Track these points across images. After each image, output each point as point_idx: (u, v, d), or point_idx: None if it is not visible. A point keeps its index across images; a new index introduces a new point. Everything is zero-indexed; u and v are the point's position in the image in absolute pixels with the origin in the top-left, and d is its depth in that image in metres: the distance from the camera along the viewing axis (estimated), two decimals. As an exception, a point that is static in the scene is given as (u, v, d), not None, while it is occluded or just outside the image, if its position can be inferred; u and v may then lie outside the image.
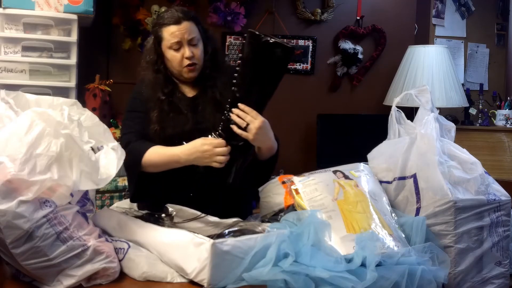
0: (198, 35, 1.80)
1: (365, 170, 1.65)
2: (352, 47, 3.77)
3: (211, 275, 1.23)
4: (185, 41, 1.76)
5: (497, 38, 4.48)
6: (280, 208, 1.56)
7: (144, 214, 1.61)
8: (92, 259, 1.28)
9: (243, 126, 1.60)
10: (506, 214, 1.55)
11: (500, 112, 3.90)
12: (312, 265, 1.28)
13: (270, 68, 1.59)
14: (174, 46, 1.77)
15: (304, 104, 3.70)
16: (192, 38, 1.77)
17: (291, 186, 1.55)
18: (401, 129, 1.72)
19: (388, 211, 1.56)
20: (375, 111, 3.83)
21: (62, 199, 1.28)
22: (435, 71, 3.55)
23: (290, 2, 3.68)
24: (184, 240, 1.30)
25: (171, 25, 1.76)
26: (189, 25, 1.77)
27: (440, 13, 4.24)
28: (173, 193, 1.73)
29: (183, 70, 1.79)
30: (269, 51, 1.55)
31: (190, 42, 1.77)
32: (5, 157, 1.21)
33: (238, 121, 1.60)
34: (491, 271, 1.52)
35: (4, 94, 1.40)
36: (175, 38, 1.76)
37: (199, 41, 1.80)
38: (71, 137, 1.29)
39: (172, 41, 1.76)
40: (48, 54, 2.77)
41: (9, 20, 2.71)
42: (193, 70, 1.80)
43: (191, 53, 1.76)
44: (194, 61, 1.78)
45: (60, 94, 2.68)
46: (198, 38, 1.80)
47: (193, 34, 1.78)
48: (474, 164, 1.58)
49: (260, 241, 1.30)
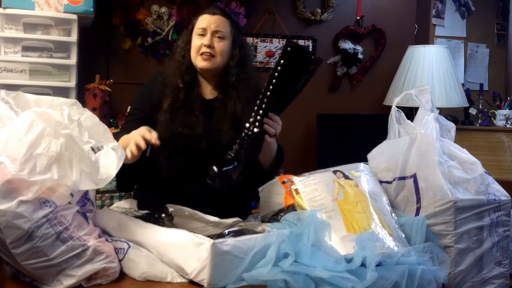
0: (227, 33, 1.80)
1: (365, 170, 1.65)
2: (352, 47, 3.77)
3: (211, 275, 1.23)
4: (210, 30, 1.77)
5: (497, 38, 4.49)
6: (280, 208, 1.56)
7: (144, 214, 1.61)
8: (92, 259, 1.28)
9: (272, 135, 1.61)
10: (506, 214, 1.55)
11: (500, 112, 3.90)
12: (312, 265, 1.28)
13: (303, 82, 1.59)
14: (199, 31, 1.78)
15: (304, 104, 3.70)
16: (218, 30, 1.77)
17: (291, 186, 1.55)
18: (401, 129, 1.71)
19: (388, 211, 1.56)
20: (375, 111, 3.83)
21: (62, 199, 1.28)
22: (435, 71, 3.55)
23: (290, 2, 3.69)
24: (184, 240, 1.30)
25: (205, 14, 1.81)
26: (221, 19, 1.79)
27: (440, 13, 4.24)
28: (172, 195, 1.73)
29: (198, 58, 1.78)
30: (309, 65, 1.56)
31: (215, 33, 1.77)
32: (5, 157, 1.21)
33: (269, 130, 1.60)
34: (491, 271, 1.52)
35: (4, 94, 1.40)
36: (203, 24, 1.78)
37: (226, 38, 1.79)
38: (71, 137, 1.29)
39: (199, 26, 1.78)
40: (48, 54, 2.77)
41: (9, 20, 2.71)
42: (207, 59, 1.76)
43: (210, 42, 1.76)
44: (211, 52, 1.76)
45: (60, 94, 2.68)
46: (227, 35, 1.79)
47: (221, 28, 1.78)
48: (474, 164, 1.58)
49: (260, 241, 1.30)
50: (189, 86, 1.81)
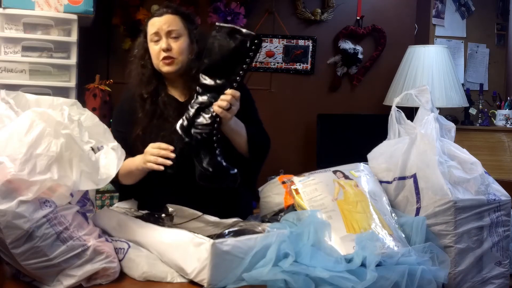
0: (181, 30, 1.75)
1: (365, 170, 1.65)
2: (352, 47, 3.77)
3: (211, 275, 1.23)
4: (163, 32, 1.72)
5: (497, 38, 4.48)
6: (280, 208, 1.56)
7: (144, 214, 1.61)
8: (92, 259, 1.28)
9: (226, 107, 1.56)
10: (506, 214, 1.55)
11: (500, 112, 3.90)
12: (312, 265, 1.28)
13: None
14: (153, 38, 1.74)
15: (304, 104, 3.70)
16: (171, 30, 1.73)
17: (291, 186, 1.55)
18: (401, 129, 1.72)
19: (388, 211, 1.56)
20: (375, 111, 3.82)
21: (62, 199, 1.28)
22: (435, 71, 3.54)
23: (290, 2, 3.68)
24: (184, 240, 1.30)
25: (153, 18, 1.76)
26: (171, 18, 1.74)
27: (440, 13, 4.24)
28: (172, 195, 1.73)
29: (160, 63, 1.74)
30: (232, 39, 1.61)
31: (169, 34, 1.73)
32: (5, 157, 1.21)
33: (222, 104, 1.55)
34: (491, 271, 1.52)
35: (4, 94, 1.40)
36: (154, 28, 1.73)
37: (181, 36, 1.74)
38: (71, 137, 1.29)
39: (151, 32, 1.74)
40: (48, 54, 2.77)
41: (9, 20, 2.70)
42: (170, 63, 1.73)
43: (167, 45, 1.71)
44: (170, 55, 1.72)
45: (60, 94, 2.68)
46: (181, 32, 1.75)
47: (173, 26, 1.73)
48: (474, 164, 1.58)
49: (260, 241, 1.30)
50: (155, 94, 1.78)
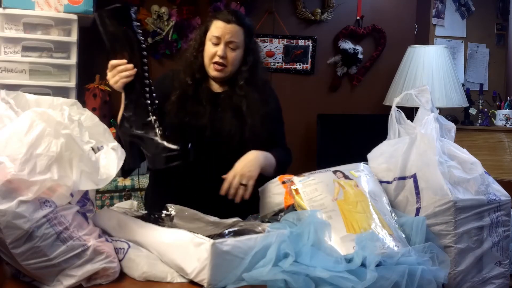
0: (240, 42, 1.84)
1: (365, 170, 1.65)
2: (352, 47, 3.77)
3: (211, 275, 1.23)
4: (224, 39, 1.81)
5: (497, 38, 4.49)
6: (280, 208, 1.56)
7: (144, 214, 1.61)
8: (92, 259, 1.28)
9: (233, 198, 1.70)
10: (506, 214, 1.55)
11: (500, 112, 3.90)
12: (312, 265, 1.28)
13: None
14: (213, 39, 1.82)
15: (304, 104, 3.71)
16: (232, 41, 1.81)
17: (291, 186, 1.55)
18: (401, 129, 1.72)
19: (388, 211, 1.56)
20: (375, 111, 3.83)
21: (62, 199, 1.28)
22: (435, 71, 3.55)
23: (290, 2, 3.69)
24: (184, 240, 1.30)
25: (220, 21, 1.82)
26: (236, 29, 1.82)
27: (440, 13, 4.24)
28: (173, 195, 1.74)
29: (211, 66, 1.83)
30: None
31: (229, 44, 1.81)
32: (5, 157, 1.21)
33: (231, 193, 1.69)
34: (491, 271, 1.52)
35: (4, 94, 1.40)
36: (217, 32, 1.81)
37: (239, 48, 1.84)
38: (71, 137, 1.29)
39: (214, 34, 1.82)
40: (48, 54, 2.77)
41: (9, 20, 2.71)
42: (220, 70, 1.83)
43: (223, 53, 1.81)
44: (223, 62, 1.82)
45: (60, 94, 2.68)
46: (240, 45, 1.84)
47: (235, 38, 1.81)
48: (474, 164, 1.58)
49: (260, 241, 1.30)
50: (197, 82, 1.88)
